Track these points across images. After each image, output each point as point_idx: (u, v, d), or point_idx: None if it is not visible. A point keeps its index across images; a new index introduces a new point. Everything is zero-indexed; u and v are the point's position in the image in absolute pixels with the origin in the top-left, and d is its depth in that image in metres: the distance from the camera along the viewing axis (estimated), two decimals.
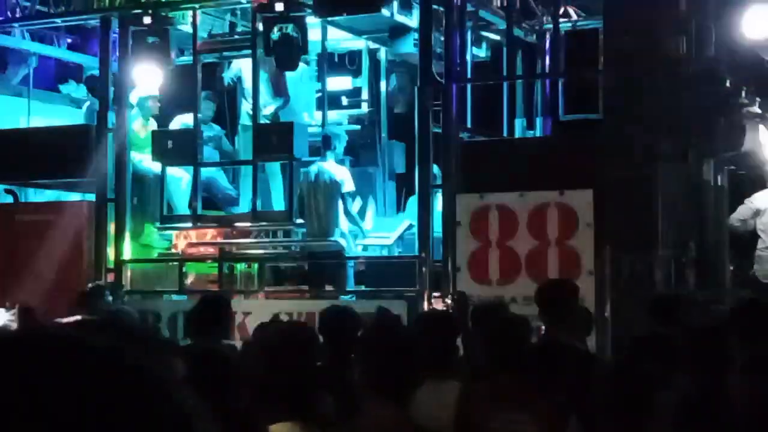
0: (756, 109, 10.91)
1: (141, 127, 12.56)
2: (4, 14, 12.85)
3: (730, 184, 11.19)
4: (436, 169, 10.79)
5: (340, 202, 11.37)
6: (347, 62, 13.31)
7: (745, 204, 11.23)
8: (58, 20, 12.91)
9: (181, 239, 12.15)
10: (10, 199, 12.67)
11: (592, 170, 9.62)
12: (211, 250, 12.11)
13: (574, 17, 12.63)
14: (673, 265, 9.91)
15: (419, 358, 3.79)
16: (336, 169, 11.47)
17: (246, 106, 12.15)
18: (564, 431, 4.32)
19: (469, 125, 11.11)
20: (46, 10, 12.73)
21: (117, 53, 12.08)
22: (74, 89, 13.67)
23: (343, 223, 11.46)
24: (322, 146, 11.60)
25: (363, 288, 11.11)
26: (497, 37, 12.35)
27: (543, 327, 6.07)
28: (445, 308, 9.65)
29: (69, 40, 13.92)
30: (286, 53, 11.20)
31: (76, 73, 13.96)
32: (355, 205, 11.82)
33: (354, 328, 5.82)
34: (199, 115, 11.84)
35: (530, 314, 5.87)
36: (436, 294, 10.08)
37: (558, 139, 10.65)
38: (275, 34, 11.07)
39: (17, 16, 12.85)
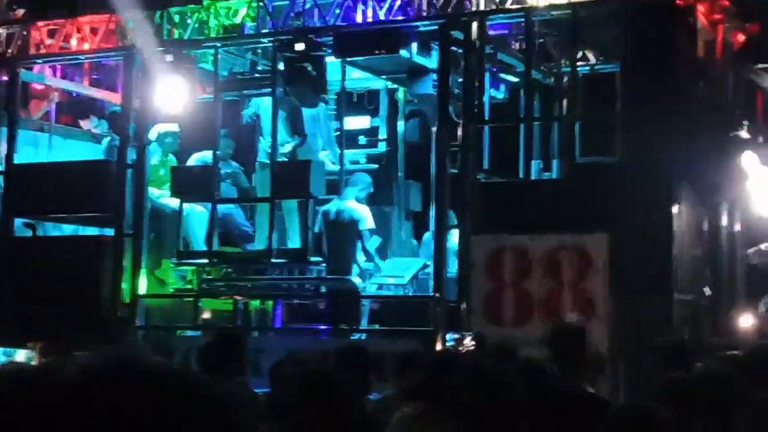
0: (744, 134, 10.87)
1: (160, 163, 12.67)
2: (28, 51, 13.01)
3: (744, 227, 11.16)
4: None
5: (359, 240, 11.45)
6: (365, 102, 13.41)
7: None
8: (81, 57, 13.07)
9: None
10: (29, 233, 12.76)
11: (608, 213, 9.64)
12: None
13: (592, 60, 12.69)
14: (688, 309, 9.88)
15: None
16: (355, 207, 11.53)
17: (264, 144, 12.25)
18: None
19: (486, 166, 11.16)
20: (69, 46, 12.90)
21: (138, 90, 12.21)
22: (95, 125, 13.80)
23: (361, 261, 11.51)
24: (342, 184, 11.67)
25: (377, 327, 11.12)
26: (515, 79, 12.42)
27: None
28: (462, 350, 9.62)
29: (95, 76, 14.06)
30: (306, 90, 11.32)
31: (98, 109, 14.09)
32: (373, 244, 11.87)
33: (367, 366, 5.85)
34: (218, 152, 11.94)
35: (543, 356, 5.86)
36: (455, 336, 10.03)
37: (574, 181, 10.67)
38: (294, 72, 11.20)
39: (41, 52, 13.01)
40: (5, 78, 12.90)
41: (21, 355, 10.57)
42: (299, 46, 11.27)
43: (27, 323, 11.13)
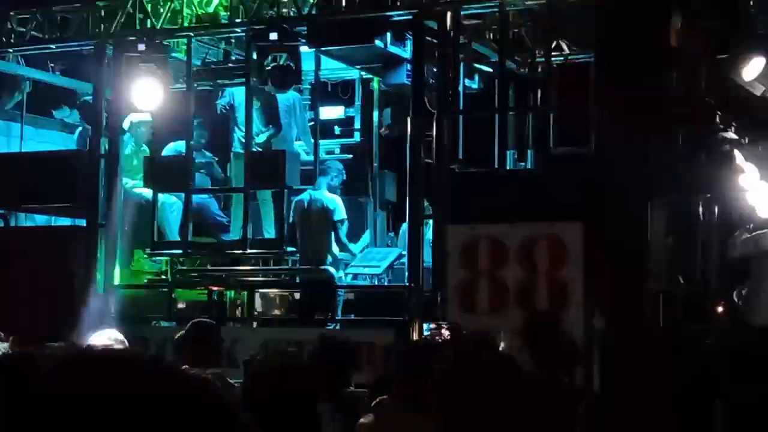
0: (732, 135, 10.97)
1: (133, 153, 12.60)
2: None
3: (720, 218, 11.25)
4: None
5: (333, 230, 11.44)
6: (340, 92, 13.40)
7: (751, 236, 11.26)
8: (53, 46, 12.95)
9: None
10: (0, 224, 12.66)
11: (582, 203, 9.67)
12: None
13: (566, 51, 12.72)
14: (662, 298, 9.94)
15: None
16: (329, 197, 11.53)
17: (238, 134, 12.21)
18: None
19: (460, 156, 11.16)
20: (40, 35, 12.78)
21: (111, 79, 12.13)
22: (67, 115, 13.70)
23: (335, 251, 11.50)
24: (315, 174, 11.66)
25: (352, 317, 11.13)
26: (490, 70, 12.42)
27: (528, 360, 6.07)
28: (440, 340, 9.63)
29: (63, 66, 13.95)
30: (281, 76, 11.28)
31: (70, 98, 13.97)
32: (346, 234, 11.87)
33: (351, 357, 5.84)
34: (192, 142, 11.89)
35: (519, 345, 5.89)
36: (432, 326, 10.04)
37: (548, 171, 10.69)
38: (269, 61, 11.16)
39: (11, 41, 12.89)
40: None
41: None
42: (273, 36, 11.23)
43: (1, 315, 11.04)
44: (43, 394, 1.07)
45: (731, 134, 10.96)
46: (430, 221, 10.73)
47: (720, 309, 11.44)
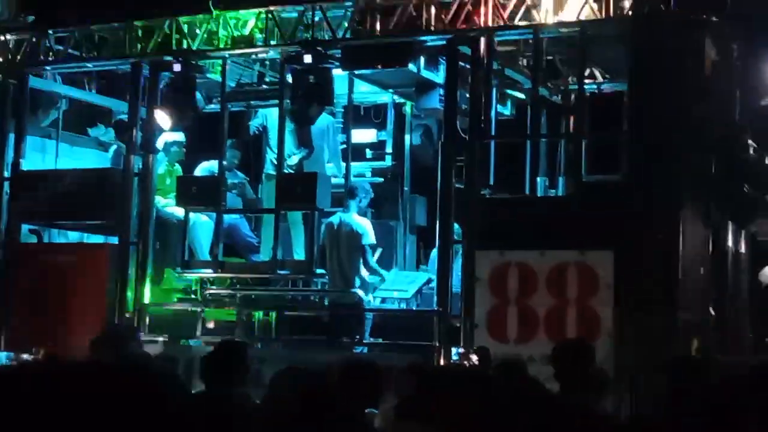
0: (767, 162, 10.91)
1: (166, 172, 12.69)
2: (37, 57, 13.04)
3: (752, 249, 11.16)
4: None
5: (361, 254, 11.45)
6: (372, 115, 13.43)
7: None
8: (90, 64, 13.10)
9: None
10: (34, 240, 12.77)
11: (613, 231, 9.63)
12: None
13: (600, 79, 12.70)
14: (692, 328, 9.86)
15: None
16: (358, 221, 11.54)
17: (271, 155, 12.27)
18: None
19: (491, 182, 11.16)
20: (78, 54, 12.93)
21: (146, 98, 12.24)
22: (102, 133, 13.82)
23: (364, 275, 11.50)
24: (345, 197, 11.68)
25: (380, 340, 11.12)
26: (522, 96, 12.43)
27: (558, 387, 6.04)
28: (468, 365, 9.59)
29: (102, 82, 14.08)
30: (304, 109, 11.33)
31: (105, 116, 14.10)
32: (375, 257, 11.86)
33: (376, 381, 5.83)
34: (224, 162, 11.96)
35: (547, 374, 5.86)
36: (460, 350, 10.00)
37: (580, 199, 10.66)
38: (301, 88, 11.21)
39: (49, 59, 13.04)
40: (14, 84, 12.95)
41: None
42: (307, 59, 11.30)
43: (33, 329, 11.13)
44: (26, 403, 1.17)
45: (767, 162, 10.89)
46: (460, 246, 10.71)
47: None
